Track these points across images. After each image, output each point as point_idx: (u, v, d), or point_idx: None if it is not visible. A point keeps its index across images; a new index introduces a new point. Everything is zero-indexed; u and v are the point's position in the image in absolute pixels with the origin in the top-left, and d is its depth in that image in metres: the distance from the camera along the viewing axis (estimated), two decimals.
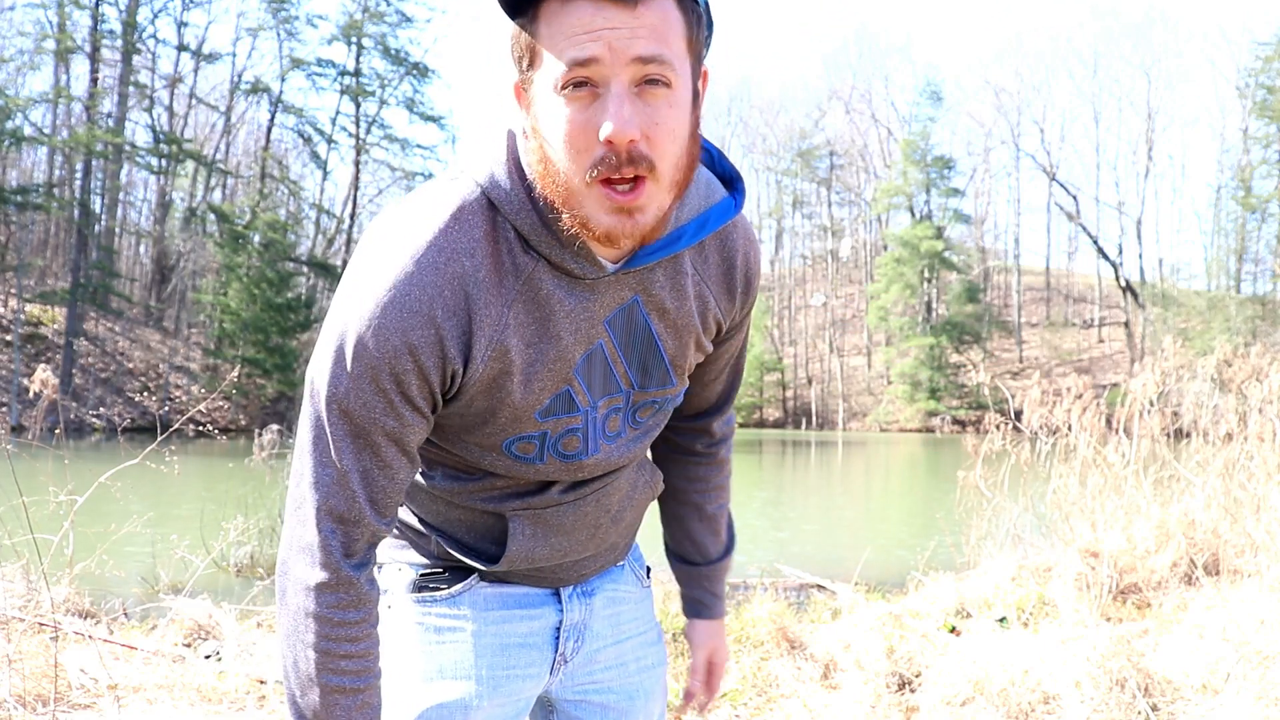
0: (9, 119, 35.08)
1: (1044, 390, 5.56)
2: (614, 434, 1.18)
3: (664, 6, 0.95)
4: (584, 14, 0.93)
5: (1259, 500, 4.79)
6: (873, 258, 59.36)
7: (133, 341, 38.11)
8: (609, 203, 0.96)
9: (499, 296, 1.04)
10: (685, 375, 1.21)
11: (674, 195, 1.01)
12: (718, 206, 1.12)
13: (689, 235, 1.09)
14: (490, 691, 1.22)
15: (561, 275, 1.06)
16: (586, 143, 0.95)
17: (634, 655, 1.37)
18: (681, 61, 0.97)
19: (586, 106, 0.94)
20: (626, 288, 1.09)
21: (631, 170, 0.95)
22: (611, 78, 0.93)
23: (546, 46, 0.95)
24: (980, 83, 60.60)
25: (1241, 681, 3.17)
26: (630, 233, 0.98)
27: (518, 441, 1.12)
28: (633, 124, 0.93)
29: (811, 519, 12.16)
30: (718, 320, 1.20)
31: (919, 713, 3.29)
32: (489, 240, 1.03)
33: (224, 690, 3.36)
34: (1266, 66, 46.38)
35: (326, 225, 47.20)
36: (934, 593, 4.64)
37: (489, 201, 1.05)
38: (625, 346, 1.13)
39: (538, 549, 1.22)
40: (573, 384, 1.10)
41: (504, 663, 1.24)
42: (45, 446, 4.37)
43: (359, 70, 44.55)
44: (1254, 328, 37.78)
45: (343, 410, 1.01)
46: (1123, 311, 54.73)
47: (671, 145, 0.97)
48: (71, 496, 3.44)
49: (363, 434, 1.02)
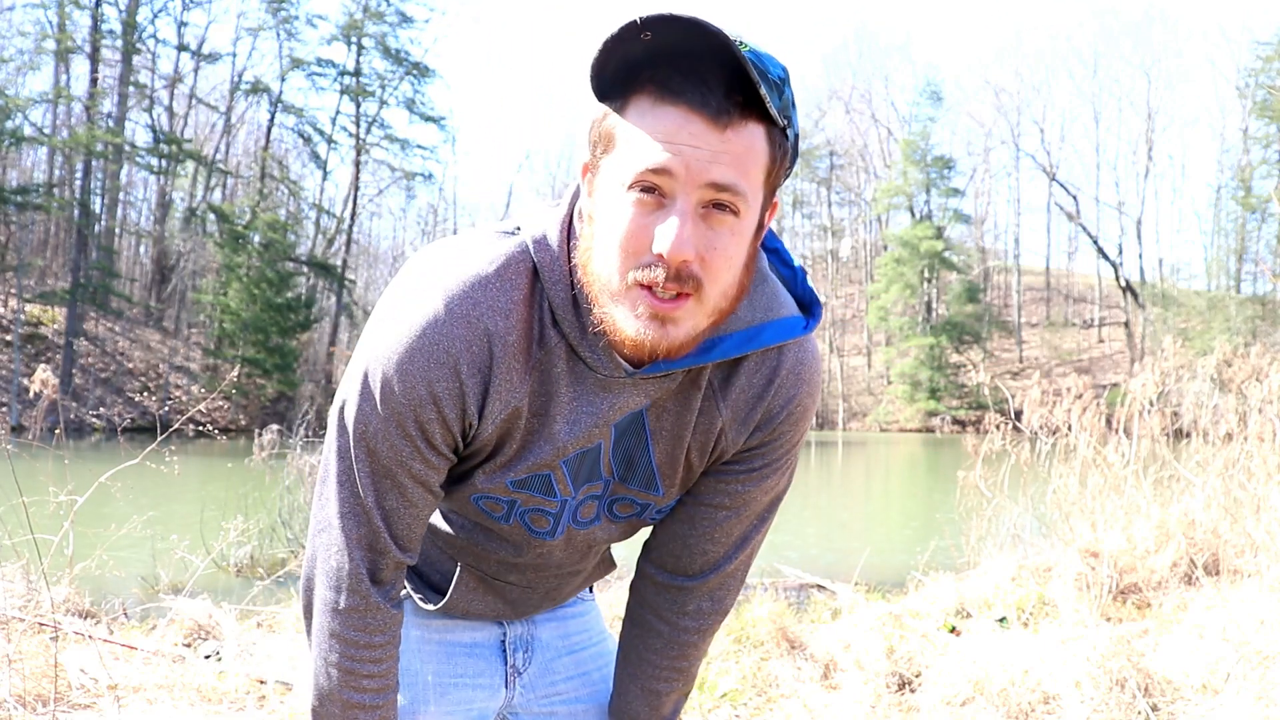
0: (9, 119, 35.05)
1: (1044, 390, 5.56)
2: (586, 520, 1.16)
3: (752, 136, 0.92)
4: (671, 122, 0.90)
5: (1259, 500, 4.79)
6: (873, 258, 59.33)
7: (133, 341, 38.10)
8: (645, 307, 0.93)
9: (522, 363, 1.02)
10: (675, 487, 1.14)
11: (712, 321, 0.98)
12: (775, 324, 1.07)
13: (727, 347, 1.04)
14: (437, 697, 1.23)
15: (576, 363, 1.03)
16: (639, 248, 0.92)
17: (595, 665, 1.36)
18: (755, 194, 0.94)
19: (649, 213, 0.92)
20: (643, 393, 1.06)
21: (675, 288, 0.92)
22: (680, 194, 0.91)
23: (624, 141, 0.93)
24: (980, 83, 60.55)
25: (1241, 681, 3.17)
26: (659, 343, 0.94)
27: (485, 499, 1.12)
28: (689, 246, 0.90)
29: (811, 519, 12.15)
30: (722, 446, 1.13)
31: (919, 713, 3.29)
32: (525, 305, 1.01)
33: (224, 690, 3.36)
34: (1266, 66, 46.35)
35: (326, 225, 47.17)
36: (934, 593, 4.64)
37: (534, 266, 1.02)
38: (618, 440, 1.09)
39: (475, 604, 1.23)
40: (555, 471, 1.08)
41: (450, 670, 1.25)
42: (45, 446, 4.37)
43: (359, 70, 44.53)
44: (1254, 328, 37.74)
45: (370, 450, 1.02)
46: (1123, 311, 54.71)
47: (726, 273, 0.94)
48: (71, 496, 3.43)
49: (389, 474, 1.03)
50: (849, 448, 34.00)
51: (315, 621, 1.07)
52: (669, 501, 1.16)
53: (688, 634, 1.23)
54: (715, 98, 0.89)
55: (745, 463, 1.14)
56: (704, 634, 1.24)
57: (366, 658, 1.05)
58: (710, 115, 0.89)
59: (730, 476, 1.15)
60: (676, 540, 1.19)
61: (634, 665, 1.27)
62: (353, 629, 1.05)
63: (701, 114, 0.89)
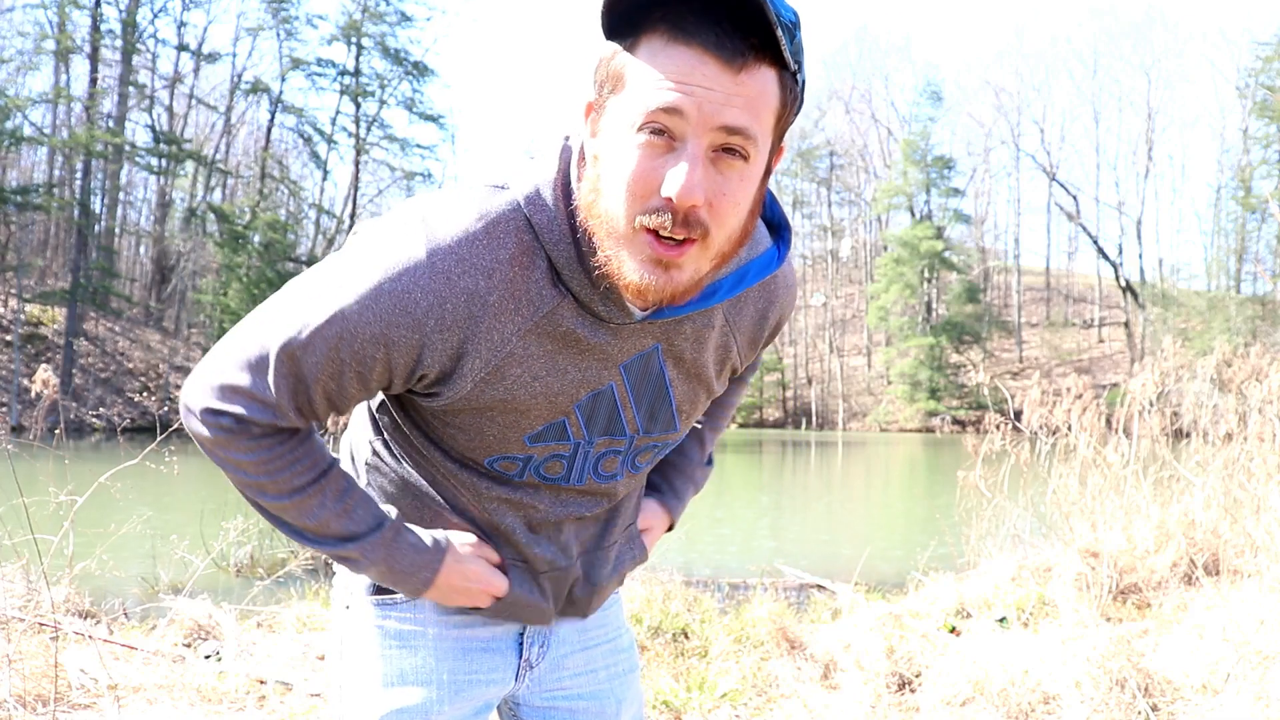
0: (9, 119, 35.08)
1: (1044, 390, 5.57)
2: (609, 474, 1.17)
3: (765, 79, 0.90)
4: (685, 62, 0.88)
5: (1259, 500, 4.79)
6: (873, 258, 59.38)
7: (133, 341, 38.11)
8: (650, 251, 0.92)
9: (508, 323, 1.00)
10: (690, 420, 1.18)
11: (716, 265, 0.97)
12: (758, 260, 1.08)
13: (724, 291, 1.05)
14: (451, 696, 1.21)
15: (585, 314, 1.03)
16: (647, 191, 0.91)
17: (604, 662, 1.35)
18: (765, 138, 0.93)
19: (658, 155, 0.90)
20: (649, 335, 1.07)
21: (683, 232, 0.91)
22: (691, 137, 0.89)
23: (634, 80, 0.91)
24: (980, 83, 60.54)
25: (1241, 681, 3.17)
26: (661, 289, 0.94)
27: (500, 460, 1.11)
28: (699, 190, 0.89)
29: (811, 519, 12.16)
30: (734, 367, 1.19)
31: (919, 713, 3.29)
32: (513, 264, 1.00)
33: (224, 690, 3.36)
34: (1266, 66, 46.39)
35: (326, 225, 47.18)
36: (934, 593, 4.64)
37: (528, 223, 1.00)
38: (637, 391, 1.10)
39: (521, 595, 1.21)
40: (569, 416, 1.08)
41: (465, 668, 1.23)
42: (45, 447, 4.37)
43: (359, 70, 44.58)
44: (1254, 328, 37.76)
45: (291, 357, 1.00)
46: (1123, 311, 54.75)
47: (732, 217, 0.94)
48: (71, 496, 3.43)
49: (301, 381, 1.01)
50: (849, 448, 34.01)
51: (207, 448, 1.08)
52: (684, 433, 1.21)
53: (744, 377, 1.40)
54: (731, 39, 0.88)
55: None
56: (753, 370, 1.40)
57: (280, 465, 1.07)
58: (725, 58, 0.88)
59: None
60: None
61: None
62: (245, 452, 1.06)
63: (716, 56, 0.88)
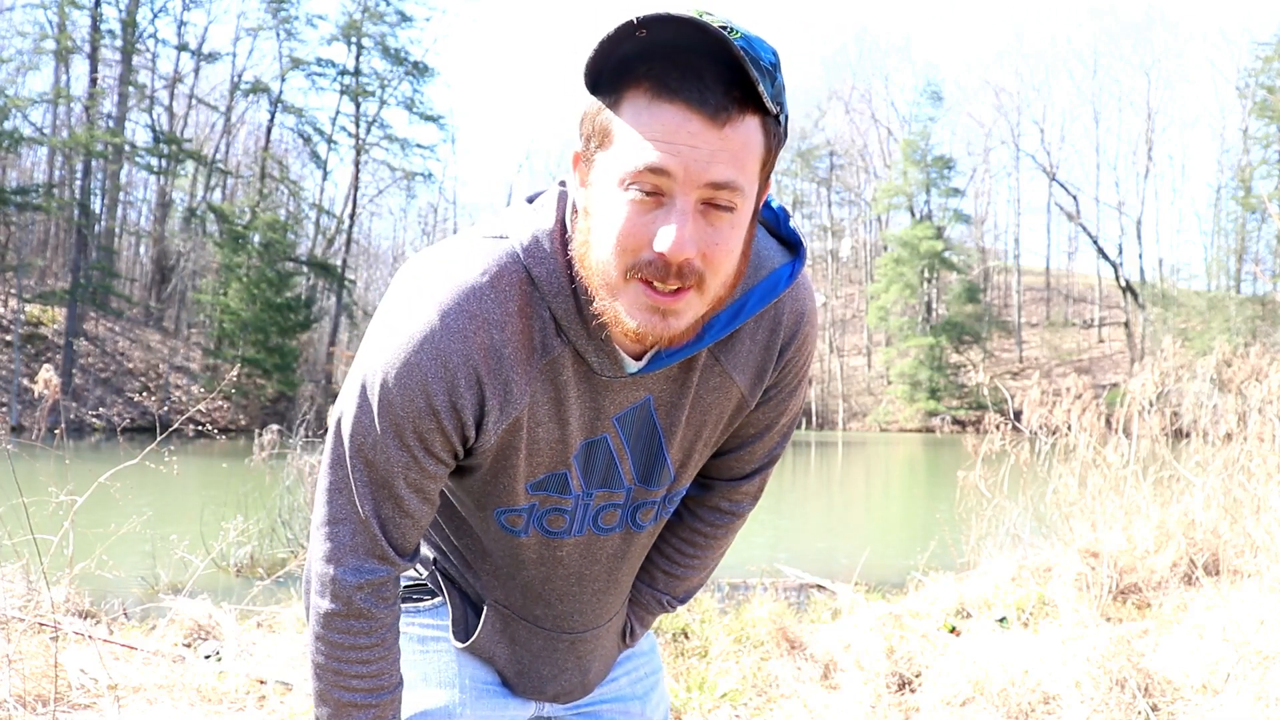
0: (8, 119, 35.05)
1: (1044, 390, 5.57)
2: (608, 528, 1.18)
3: (749, 129, 0.91)
4: (669, 120, 0.89)
5: (1259, 500, 4.79)
6: (873, 258, 59.32)
7: (133, 341, 38.09)
8: (646, 300, 0.93)
9: (523, 373, 1.02)
10: (690, 471, 1.18)
11: (712, 308, 0.98)
12: (761, 286, 1.07)
13: (718, 328, 1.05)
14: (473, 700, 1.24)
15: (581, 365, 1.04)
16: (637, 245, 0.92)
17: (624, 670, 1.38)
18: (752, 185, 0.94)
19: (647, 211, 0.91)
20: (641, 387, 1.08)
21: (677, 283, 0.92)
22: (679, 193, 0.90)
23: (620, 137, 0.91)
24: (980, 83, 60.44)
25: (1241, 681, 3.17)
26: (660, 335, 0.95)
27: (507, 513, 1.13)
28: (691, 245, 0.90)
29: (812, 519, 12.16)
30: (741, 402, 1.15)
31: (919, 713, 3.29)
32: (521, 316, 1.01)
33: (224, 690, 3.36)
34: (1266, 66, 46.33)
35: (326, 225, 47.14)
36: (934, 593, 4.64)
37: (528, 275, 1.01)
38: (632, 442, 1.11)
39: (499, 652, 1.24)
40: (570, 469, 1.10)
41: (486, 677, 1.26)
42: (45, 447, 4.37)
43: (359, 70, 44.50)
44: (1254, 328, 37.73)
45: (367, 461, 1.03)
46: (1123, 311, 54.70)
47: (727, 263, 0.95)
48: (71, 496, 3.43)
49: (385, 484, 1.04)
50: (849, 448, 34.00)
51: (309, 623, 1.11)
52: (684, 485, 1.19)
53: (740, 511, 1.29)
54: (713, 95, 0.88)
55: (765, 399, 1.18)
56: (725, 529, 1.30)
57: (353, 658, 1.07)
58: (709, 113, 0.88)
59: (765, 404, 1.19)
60: (729, 457, 1.24)
61: (653, 549, 1.31)
62: (336, 631, 1.07)
63: (700, 112, 0.88)
